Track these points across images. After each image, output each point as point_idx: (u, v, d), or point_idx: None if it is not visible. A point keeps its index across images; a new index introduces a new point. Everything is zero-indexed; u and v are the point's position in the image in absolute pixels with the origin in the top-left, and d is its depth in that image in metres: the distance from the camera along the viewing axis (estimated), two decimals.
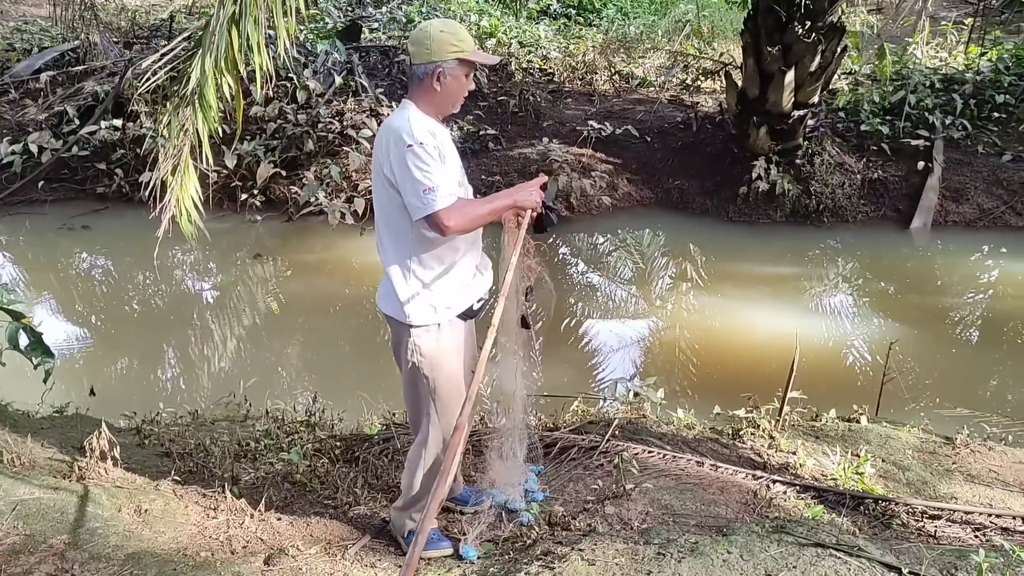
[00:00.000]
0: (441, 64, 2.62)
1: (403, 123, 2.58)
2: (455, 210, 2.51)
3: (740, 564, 2.41)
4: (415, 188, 2.50)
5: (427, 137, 2.54)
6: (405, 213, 2.60)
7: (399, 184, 2.56)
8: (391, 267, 2.72)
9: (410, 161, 2.51)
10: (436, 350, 2.74)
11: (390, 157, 2.57)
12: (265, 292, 7.24)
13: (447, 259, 2.72)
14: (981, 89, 9.41)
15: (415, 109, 2.64)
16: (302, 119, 8.84)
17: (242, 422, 4.21)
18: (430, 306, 2.71)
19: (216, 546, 2.88)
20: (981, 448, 4.03)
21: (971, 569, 2.40)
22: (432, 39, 2.61)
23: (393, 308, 2.75)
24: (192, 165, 4.73)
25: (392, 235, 2.70)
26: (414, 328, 2.71)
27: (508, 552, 2.80)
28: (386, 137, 2.61)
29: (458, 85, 2.68)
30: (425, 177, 2.50)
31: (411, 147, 2.51)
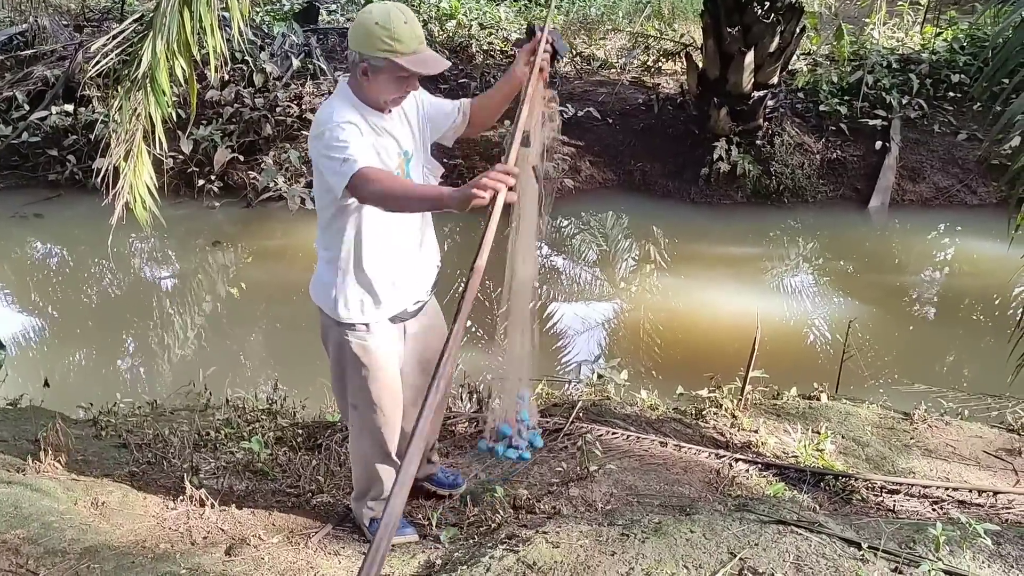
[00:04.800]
0: (369, 59, 2.40)
1: (326, 110, 2.44)
2: (373, 174, 2.29)
3: (703, 543, 2.43)
4: (332, 165, 2.34)
5: (346, 124, 2.38)
6: (333, 202, 2.46)
7: (324, 169, 2.40)
8: (321, 257, 2.61)
9: (324, 143, 2.36)
10: (363, 351, 2.61)
11: (316, 147, 2.42)
12: (225, 279, 7.12)
13: (381, 256, 2.56)
14: (937, 69, 9.53)
15: (343, 96, 2.48)
16: (259, 103, 8.68)
17: (202, 411, 4.14)
18: (358, 301, 2.57)
19: (176, 537, 2.83)
20: (938, 423, 4.10)
21: (928, 542, 2.44)
22: (366, 29, 2.38)
23: (321, 299, 2.63)
24: (145, 150, 4.64)
25: (324, 225, 2.56)
26: (341, 324, 2.59)
27: (473, 536, 2.80)
28: (313, 125, 2.47)
29: (389, 85, 2.45)
30: (340, 152, 2.32)
31: (323, 132, 2.37)
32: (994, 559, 2.41)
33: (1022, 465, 3.76)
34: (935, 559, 2.31)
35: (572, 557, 2.40)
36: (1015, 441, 3.94)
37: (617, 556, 2.39)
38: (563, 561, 2.39)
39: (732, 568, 2.31)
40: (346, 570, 2.66)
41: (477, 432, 3.71)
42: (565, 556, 2.41)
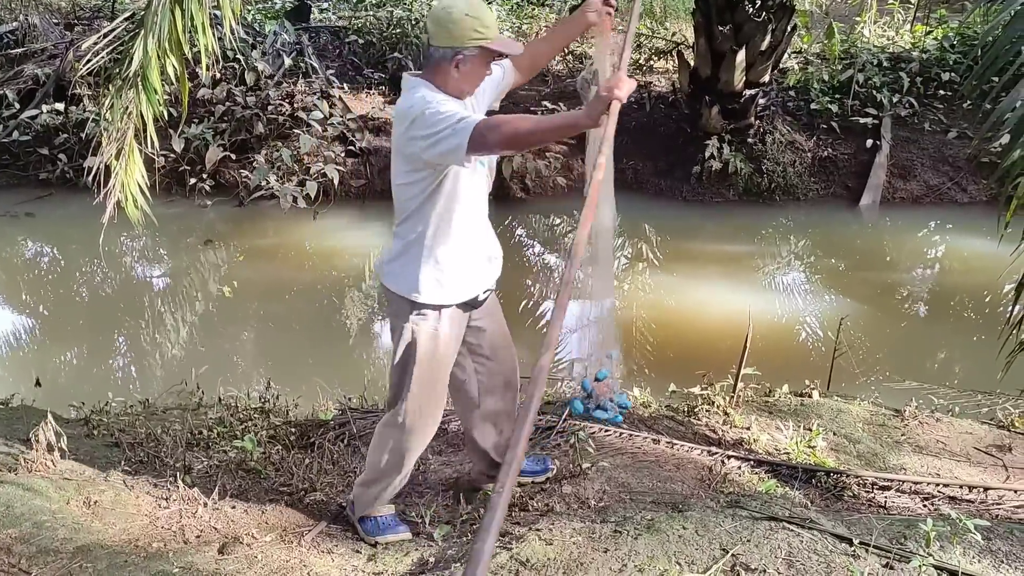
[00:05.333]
0: (462, 50, 2.51)
1: (408, 100, 2.52)
2: (496, 120, 2.37)
3: (696, 539, 2.44)
4: (442, 135, 2.38)
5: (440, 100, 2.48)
6: (421, 192, 2.56)
7: (431, 148, 2.42)
8: (399, 243, 2.69)
9: (426, 120, 2.42)
10: (431, 337, 2.70)
11: (410, 134, 2.47)
12: (217, 278, 7.11)
13: (461, 240, 2.67)
14: (927, 67, 9.57)
15: (429, 88, 2.55)
16: (251, 101, 8.66)
17: (194, 410, 4.13)
18: (436, 282, 2.66)
19: (168, 536, 2.83)
20: (929, 420, 4.12)
21: (919, 538, 2.45)
22: (455, 23, 2.49)
23: (397, 283, 2.71)
24: (137, 149, 4.62)
25: (406, 212, 2.65)
26: (417, 305, 2.68)
27: (466, 534, 2.80)
28: (400, 120, 2.55)
29: (477, 73, 2.59)
30: (448, 120, 2.38)
31: (422, 112, 2.43)
32: (984, 554, 2.42)
33: (1012, 461, 3.78)
34: (925, 555, 2.32)
35: (565, 554, 2.41)
36: (1005, 437, 3.96)
37: (610, 553, 2.40)
38: (556, 558, 2.39)
39: (724, 564, 2.32)
40: (339, 568, 2.67)
41: None
42: (558, 553, 2.41)
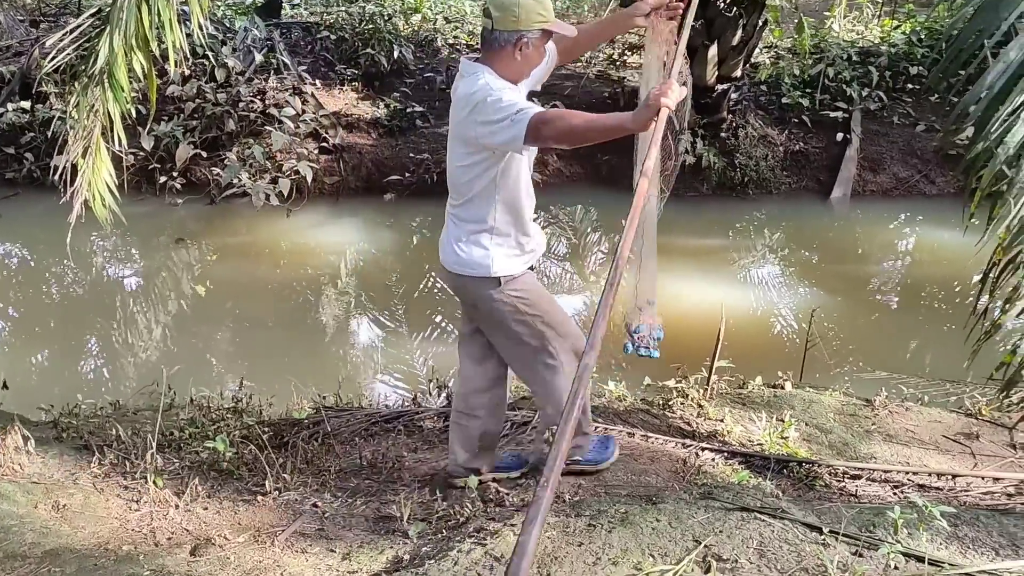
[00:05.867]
0: (526, 34, 2.63)
1: (470, 86, 2.62)
2: (552, 114, 2.52)
3: (669, 531, 2.45)
4: (502, 123, 2.51)
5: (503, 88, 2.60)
6: (484, 174, 2.69)
7: (492, 135, 2.56)
8: (465, 231, 2.80)
9: (488, 107, 2.54)
10: (523, 294, 2.85)
11: (472, 120, 2.60)
12: (189, 277, 7.04)
13: (520, 213, 2.82)
14: (896, 61, 9.67)
15: (491, 74, 2.66)
16: (222, 98, 8.57)
17: (166, 411, 4.08)
18: (513, 256, 2.83)
19: (139, 539, 2.80)
20: (899, 409, 4.17)
21: (888, 526, 2.48)
22: (520, 6, 2.61)
23: (472, 268, 2.82)
24: (104, 147, 4.55)
25: (471, 198, 2.77)
26: (503, 279, 2.80)
27: (441, 531, 2.79)
28: (463, 106, 2.64)
29: (537, 55, 2.72)
30: (508, 108, 2.51)
31: (484, 99, 2.55)
32: (951, 541, 2.46)
33: (979, 448, 3.84)
34: (894, 542, 2.35)
35: (539, 549, 2.41)
36: (972, 425, 4.02)
37: (584, 547, 2.40)
38: None
39: (697, 555, 2.33)
40: (313, 568, 2.65)
41: (445, 427, 3.70)
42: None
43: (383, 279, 7.18)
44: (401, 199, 8.51)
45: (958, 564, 2.32)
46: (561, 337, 2.94)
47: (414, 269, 7.37)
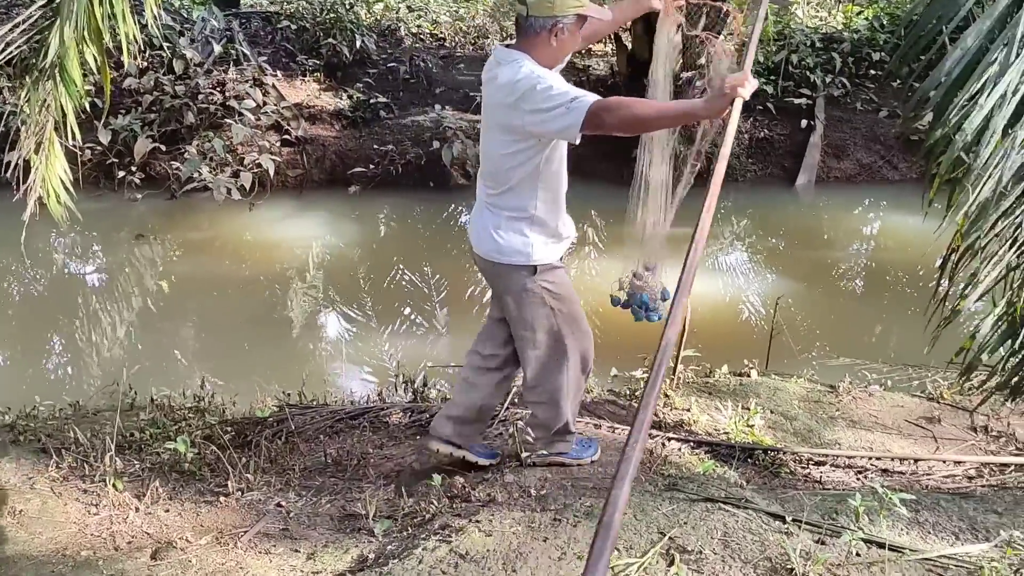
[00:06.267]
0: (561, 19, 2.63)
1: (514, 72, 2.60)
2: (614, 102, 2.49)
3: (634, 524, 2.45)
4: (555, 112, 2.50)
5: (549, 75, 2.59)
6: (528, 162, 2.69)
7: (543, 124, 2.56)
8: (510, 215, 2.81)
9: (539, 95, 2.52)
10: (557, 286, 2.91)
11: (519, 108, 2.58)
12: (150, 274, 6.92)
13: (560, 201, 2.87)
14: (858, 47, 9.75)
15: (530, 61, 2.64)
16: (180, 90, 8.41)
17: (127, 412, 4.01)
18: (551, 243, 2.88)
19: (99, 544, 2.74)
20: (862, 394, 4.22)
21: (850, 513, 2.50)
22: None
23: (511, 255, 2.84)
24: (58, 142, 4.45)
25: (512, 186, 2.77)
26: (539, 268, 2.85)
27: (407, 528, 2.77)
28: (506, 93, 2.61)
29: (572, 41, 2.72)
30: (561, 96, 2.49)
31: (532, 87, 2.53)
32: (912, 526, 2.48)
33: (941, 432, 3.89)
34: (856, 529, 2.36)
35: (505, 545, 2.40)
36: (934, 409, 4.07)
37: (549, 542, 2.39)
38: (495, 549, 2.38)
39: (661, 547, 2.33)
40: (277, 568, 2.61)
41: (412, 422, 3.68)
42: (498, 544, 2.40)
43: (349, 273, 7.11)
44: (366, 191, 8.43)
45: (919, 549, 2.35)
46: (576, 337, 2.99)
47: (381, 262, 7.31)
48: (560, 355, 2.99)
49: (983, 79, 3.00)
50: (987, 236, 3.07)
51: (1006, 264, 3.10)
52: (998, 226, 3.08)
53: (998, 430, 3.88)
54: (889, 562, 2.27)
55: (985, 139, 2.98)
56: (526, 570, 2.28)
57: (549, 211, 2.84)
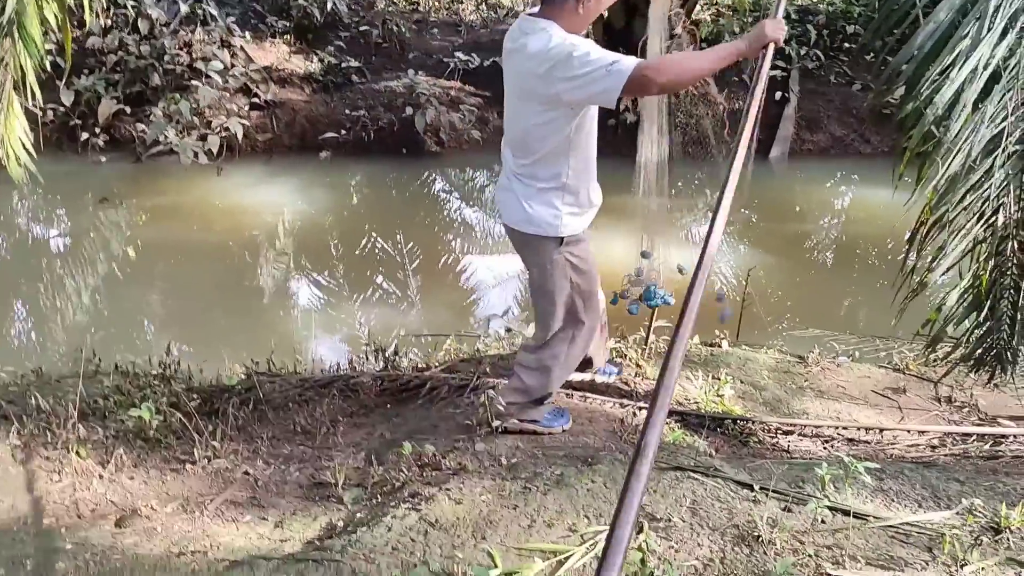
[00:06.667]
0: None
1: (545, 40, 2.57)
2: (656, 62, 2.53)
3: (604, 492, 2.46)
4: (594, 76, 2.47)
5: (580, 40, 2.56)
6: (559, 130, 2.68)
7: (578, 90, 2.53)
8: (539, 185, 2.81)
9: (577, 60, 2.49)
10: (581, 260, 2.94)
11: (552, 76, 2.54)
12: (115, 239, 6.80)
13: (590, 168, 2.88)
14: (833, 20, 9.75)
15: (558, 29, 2.60)
16: (145, 51, 8.23)
17: (90, 379, 3.94)
18: (580, 214, 2.90)
19: (61, 511, 2.71)
20: (831, 365, 4.25)
21: (816, 481, 2.52)
22: None
23: (540, 225, 2.85)
24: (17, 102, 4.33)
25: (543, 156, 2.76)
26: (566, 239, 2.87)
27: (376, 496, 2.76)
28: (538, 62, 2.58)
29: (597, 7, 2.69)
30: (598, 61, 2.47)
31: (568, 54, 2.50)
32: (876, 494, 2.51)
33: (906, 403, 3.94)
34: (821, 497, 2.39)
35: (475, 512, 2.39)
36: (900, 380, 4.12)
37: (519, 509, 2.39)
38: (465, 517, 2.38)
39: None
40: (244, 536, 2.60)
41: (382, 390, 3.65)
42: (467, 512, 2.40)
43: (320, 240, 7.04)
44: (338, 157, 8.33)
45: (883, 516, 2.38)
46: (589, 312, 3.03)
47: (352, 229, 7.25)
48: (572, 327, 3.03)
49: (955, 53, 3.00)
50: (955, 209, 3.09)
51: (973, 237, 3.13)
52: (966, 199, 3.10)
53: (961, 401, 3.94)
54: (853, 529, 2.30)
55: (956, 113, 3.00)
56: (496, 537, 2.28)
57: (580, 178, 2.84)
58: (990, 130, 3.02)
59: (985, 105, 3.00)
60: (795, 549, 2.20)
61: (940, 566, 2.13)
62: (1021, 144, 3.03)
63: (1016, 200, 3.04)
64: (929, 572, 2.11)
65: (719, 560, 2.17)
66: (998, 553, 2.20)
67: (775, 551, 2.18)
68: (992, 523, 2.32)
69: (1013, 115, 3.02)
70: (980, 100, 2.99)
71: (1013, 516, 2.28)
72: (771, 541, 2.21)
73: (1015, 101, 3.03)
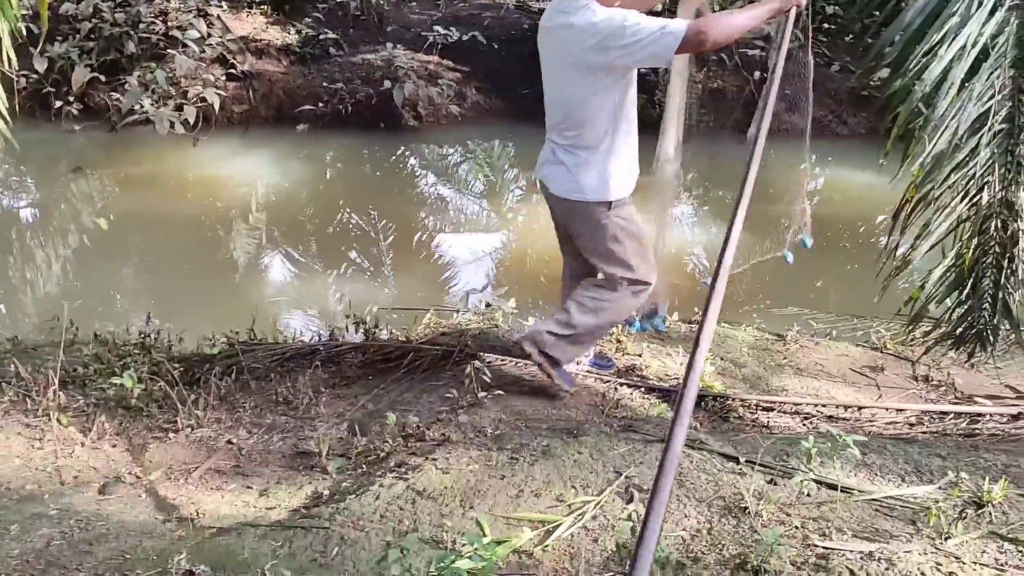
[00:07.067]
0: None
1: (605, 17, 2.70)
2: (704, 23, 2.66)
3: (590, 463, 2.47)
4: (647, 40, 2.65)
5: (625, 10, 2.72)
6: (610, 97, 2.85)
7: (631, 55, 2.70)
8: (585, 153, 2.96)
9: (630, 30, 2.65)
10: (628, 221, 3.10)
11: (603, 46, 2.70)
12: (90, 208, 6.69)
13: (631, 129, 3.04)
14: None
15: (598, 5, 2.74)
16: (120, 18, 8.06)
17: (69, 347, 3.89)
18: (627, 177, 3.08)
19: (43, 478, 2.67)
20: (809, 343, 4.30)
21: (800, 454, 2.55)
22: None
23: (589, 191, 3.00)
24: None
25: (589, 123, 2.91)
26: (614, 203, 3.03)
27: (361, 466, 2.75)
28: (589, 36, 2.72)
29: None
30: (648, 27, 2.64)
31: (620, 24, 2.66)
32: (860, 468, 2.55)
33: (883, 381, 3.99)
34: (807, 470, 2.42)
35: (462, 482, 2.40)
36: (878, 359, 4.17)
37: (507, 479, 2.40)
38: (453, 486, 2.38)
39: (618, 486, 2.35)
40: (230, 504, 2.58)
41: (364, 362, 3.64)
42: (455, 481, 2.40)
43: (296, 213, 6.97)
44: (315, 130, 8.24)
45: (867, 490, 2.41)
46: (644, 269, 3.17)
47: (328, 203, 7.18)
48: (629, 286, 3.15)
49: (944, 30, 3.02)
50: (940, 188, 3.12)
51: (957, 216, 3.17)
52: (951, 178, 3.13)
53: (938, 379, 4.00)
54: (839, 502, 2.33)
55: (943, 91, 3.02)
56: (484, 507, 2.29)
57: (626, 141, 3.01)
58: (977, 109, 3.05)
59: (972, 83, 3.03)
60: (782, 521, 2.22)
61: (924, 539, 2.17)
62: (1007, 123, 3.06)
63: (1000, 179, 3.07)
64: (914, 544, 2.14)
65: (706, 531, 2.19)
66: (980, 527, 2.25)
67: (762, 522, 2.20)
68: (975, 498, 2.36)
69: (1000, 94, 3.05)
70: (967, 79, 3.02)
71: (996, 491, 2.32)
72: (758, 513, 2.23)
73: (1002, 80, 3.06)
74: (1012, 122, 3.10)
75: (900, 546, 2.13)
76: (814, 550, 2.09)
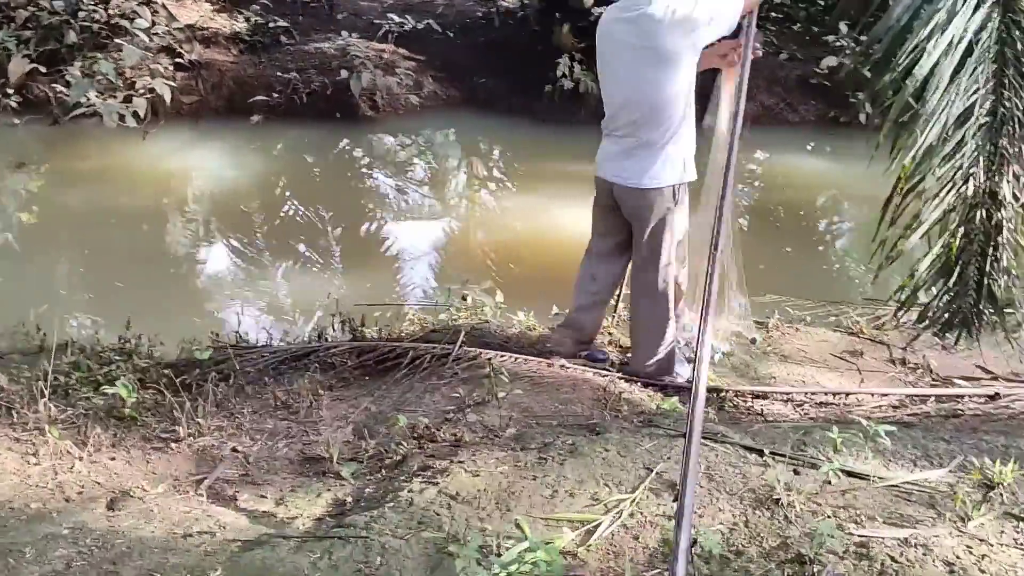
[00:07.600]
0: None
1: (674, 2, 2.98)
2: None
3: (619, 460, 2.47)
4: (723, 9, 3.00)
5: None
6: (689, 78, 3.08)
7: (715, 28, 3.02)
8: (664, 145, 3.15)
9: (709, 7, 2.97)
10: (684, 214, 3.31)
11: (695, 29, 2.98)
12: (35, 206, 6.40)
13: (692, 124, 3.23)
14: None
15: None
16: (59, 6, 7.72)
17: (34, 355, 3.72)
18: (685, 161, 3.25)
19: (46, 495, 2.55)
20: (789, 330, 4.38)
21: (817, 444, 2.61)
22: None
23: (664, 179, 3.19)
24: None
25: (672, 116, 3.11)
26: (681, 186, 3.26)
27: (379, 470, 2.71)
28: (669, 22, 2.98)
29: None
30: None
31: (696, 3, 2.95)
32: (876, 455, 2.61)
33: (864, 365, 4.10)
34: (830, 460, 2.46)
35: (495, 484, 2.38)
36: (856, 343, 4.28)
37: (539, 480, 2.39)
38: (486, 489, 2.36)
39: (651, 483, 2.37)
40: (249, 514, 2.51)
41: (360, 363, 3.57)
42: (487, 484, 2.38)
43: (253, 207, 6.78)
44: (269, 121, 8.05)
45: (885, 477, 2.47)
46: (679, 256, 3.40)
47: (286, 195, 7.03)
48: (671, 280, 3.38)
49: (931, 25, 3.10)
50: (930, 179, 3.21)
51: (945, 206, 3.26)
52: (939, 170, 3.22)
53: (914, 362, 4.12)
54: (861, 489, 2.39)
55: (932, 85, 3.10)
56: (520, 509, 2.27)
57: (689, 127, 3.21)
58: (963, 102, 3.15)
59: (959, 77, 3.12)
60: (813, 511, 2.26)
61: (947, 523, 2.23)
62: (991, 116, 3.16)
63: (985, 170, 3.17)
64: (939, 528, 2.20)
65: (743, 523, 2.22)
66: (994, 508, 2.32)
67: (795, 513, 2.24)
68: (985, 480, 2.44)
69: (984, 87, 3.15)
70: (955, 73, 3.11)
71: (1006, 472, 2.41)
72: (790, 504, 2.27)
73: (986, 74, 3.15)
74: (995, 115, 3.20)
75: (928, 531, 2.19)
76: (851, 538, 2.13)
